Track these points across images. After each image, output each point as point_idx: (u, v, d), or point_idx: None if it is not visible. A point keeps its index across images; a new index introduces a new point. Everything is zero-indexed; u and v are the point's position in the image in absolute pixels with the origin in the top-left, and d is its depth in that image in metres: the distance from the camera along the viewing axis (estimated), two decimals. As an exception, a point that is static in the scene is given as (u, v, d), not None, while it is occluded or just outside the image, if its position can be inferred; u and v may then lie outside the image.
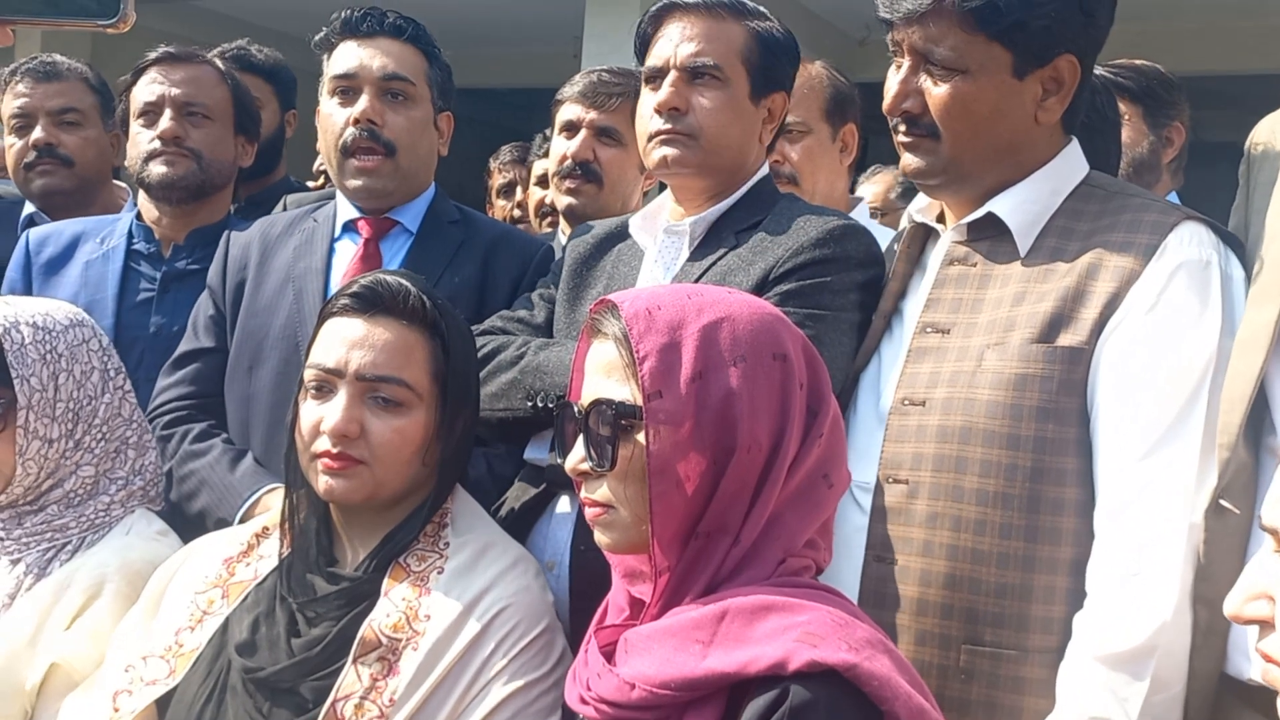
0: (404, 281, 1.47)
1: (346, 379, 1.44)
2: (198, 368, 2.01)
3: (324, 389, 1.45)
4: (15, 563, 1.62)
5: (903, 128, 1.55)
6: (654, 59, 1.76)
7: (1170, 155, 2.61)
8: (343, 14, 2.00)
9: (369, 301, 1.45)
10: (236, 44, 2.92)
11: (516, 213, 3.53)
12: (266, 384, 1.93)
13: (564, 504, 1.72)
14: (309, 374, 1.47)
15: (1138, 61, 2.61)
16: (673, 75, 1.73)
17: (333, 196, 2.20)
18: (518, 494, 1.78)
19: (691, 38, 1.72)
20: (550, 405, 1.64)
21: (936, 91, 1.50)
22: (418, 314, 1.46)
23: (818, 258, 1.64)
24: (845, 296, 1.65)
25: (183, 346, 2.04)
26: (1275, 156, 1.51)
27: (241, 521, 1.80)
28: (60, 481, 1.64)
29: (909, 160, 1.56)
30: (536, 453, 1.77)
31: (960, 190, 1.56)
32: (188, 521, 1.84)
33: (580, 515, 1.66)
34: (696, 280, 1.69)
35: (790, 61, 1.80)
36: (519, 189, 3.56)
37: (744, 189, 1.78)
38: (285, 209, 2.53)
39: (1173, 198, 2.64)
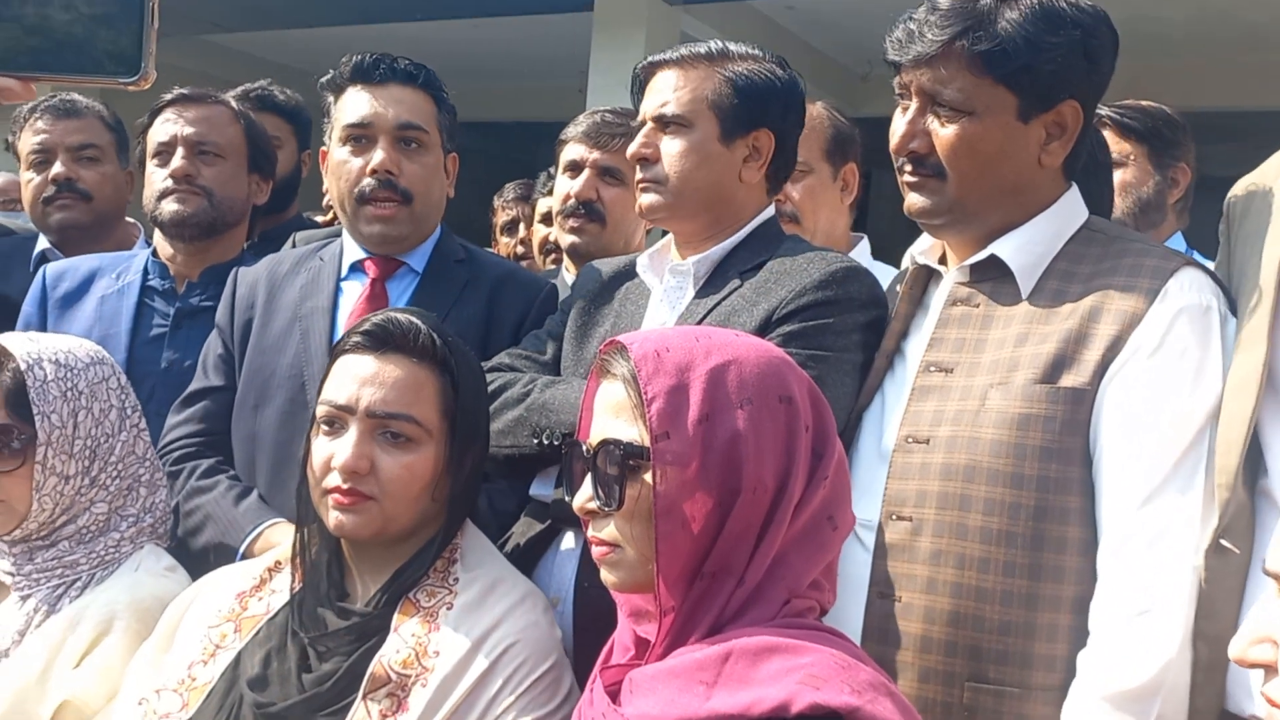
0: (415, 319, 1.49)
1: (357, 415, 1.45)
2: (206, 405, 2.03)
3: (335, 425, 1.47)
4: (25, 599, 1.63)
5: (909, 168, 1.58)
6: (640, 114, 1.84)
7: (1176, 195, 2.63)
8: (354, 59, 2.01)
9: (380, 339, 1.47)
10: (260, 84, 2.97)
11: (520, 249, 3.55)
12: (272, 422, 1.95)
13: (569, 540, 1.73)
14: (321, 410, 1.49)
15: (1144, 102, 2.63)
16: (645, 126, 1.80)
17: (340, 234, 2.22)
18: (523, 529, 1.79)
19: (662, 89, 1.79)
20: (556, 443, 1.65)
21: (944, 132, 1.53)
22: (428, 351, 1.48)
23: (821, 299, 1.66)
24: (848, 337, 1.67)
25: (193, 385, 2.07)
26: (1254, 213, 1.55)
27: (244, 556, 1.81)
28: (74, 518, 1.65)
29: (914, 200, 1.59)
30: (541, 489, 1.79)
31: (964, 230, 1.59)
32: (192, 556, 1.86)
33: (585, 552, 1.67)
34: (701, 319, 1.71)
35: (776, 98, 1.81)
36: (522, 226, 3.59)
37: (748, 229, 1.80)
38: (294, 246, 2.56)
39: (1178, 238, 2.66)
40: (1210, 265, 1.64)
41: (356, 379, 1.46)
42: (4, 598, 1.67)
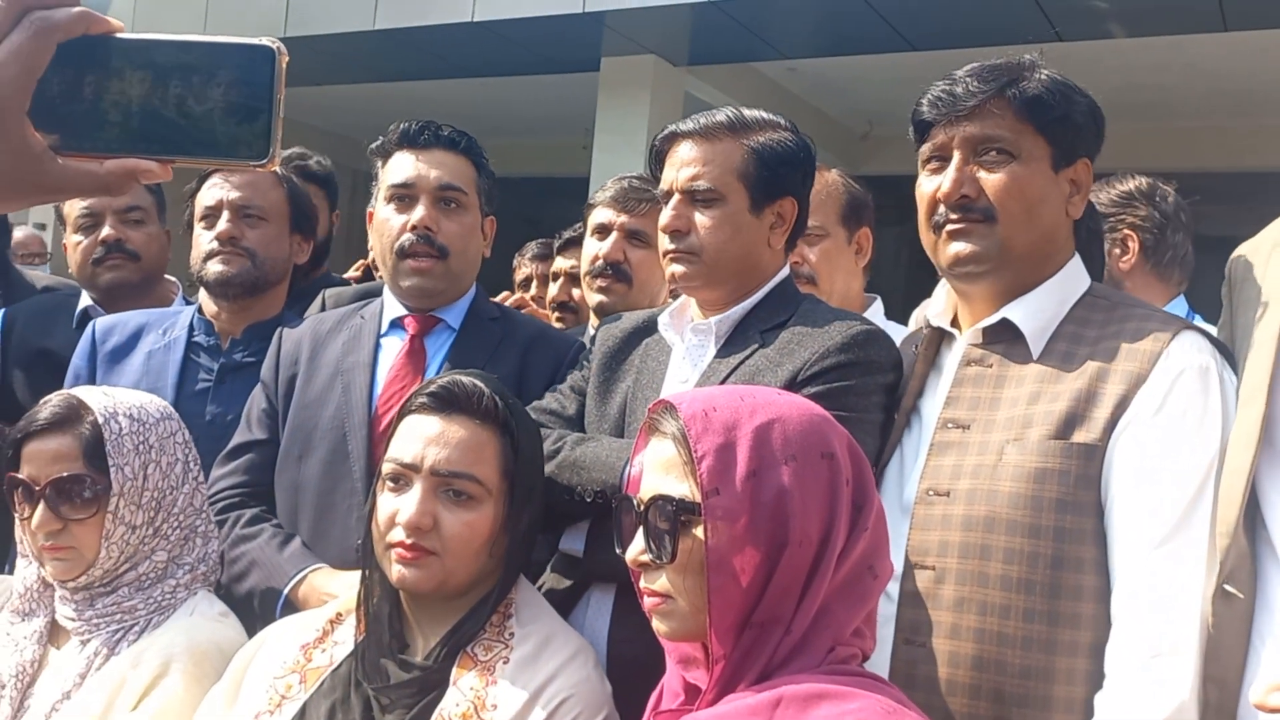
0: (479, 383, 1.56)
1: (422, 473, 1.51)
2: (251, 458, 2.09)
3: (401, 482, 1.53)
4: (85, 643, 1.68)
5: (954, 215, 1.65)
6: (663, 182, 1.89)
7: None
8: (401, 127, 2.12)
9: (445, 401, 1.54)
10: (295, 150, 3.08)
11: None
12: (315, 473, 2.01)
13: (600, 597, 1.77)
14: (387, 467, 1.54)
15: None
16: (675, 199, 1.85)
17: (370, 293, 2.31)
18: (552, 584, 1.83)
19: (690, 162, 1.83)
20: (587, 500, 1.71)
21: (993, 177, 1.63)
22: (490, 413, 1.54)
23: (843, 362, 1.72)
24: (869, 398, 1.73)
25: (237, 438, 2.13)
26: (1254, 278, 1.64)
27: (287, 600, 1.87)
28: (135, 565, 1.71)
29: (960, 247, 1.65)
30: (571, 543, 1.83)
31: (1000, 279, 1.65)
32: (236, 602, 1.91)
33: (617, 608, 1.72)
34: (725, 378, 1.77)
35: (796, 167, 1.87)
36: (535, 284, 3.69)
37: (766, 289, 1.87)
38: (324, 304, 2.66)
39: (1180, 300, 2.74)
40: (1210, 328, 1.73)
41: (422, 438, 1.52)
42: (65, 642, 1.72)
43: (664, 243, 1.87)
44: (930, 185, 1.69)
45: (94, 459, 1.66)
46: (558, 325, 3.07)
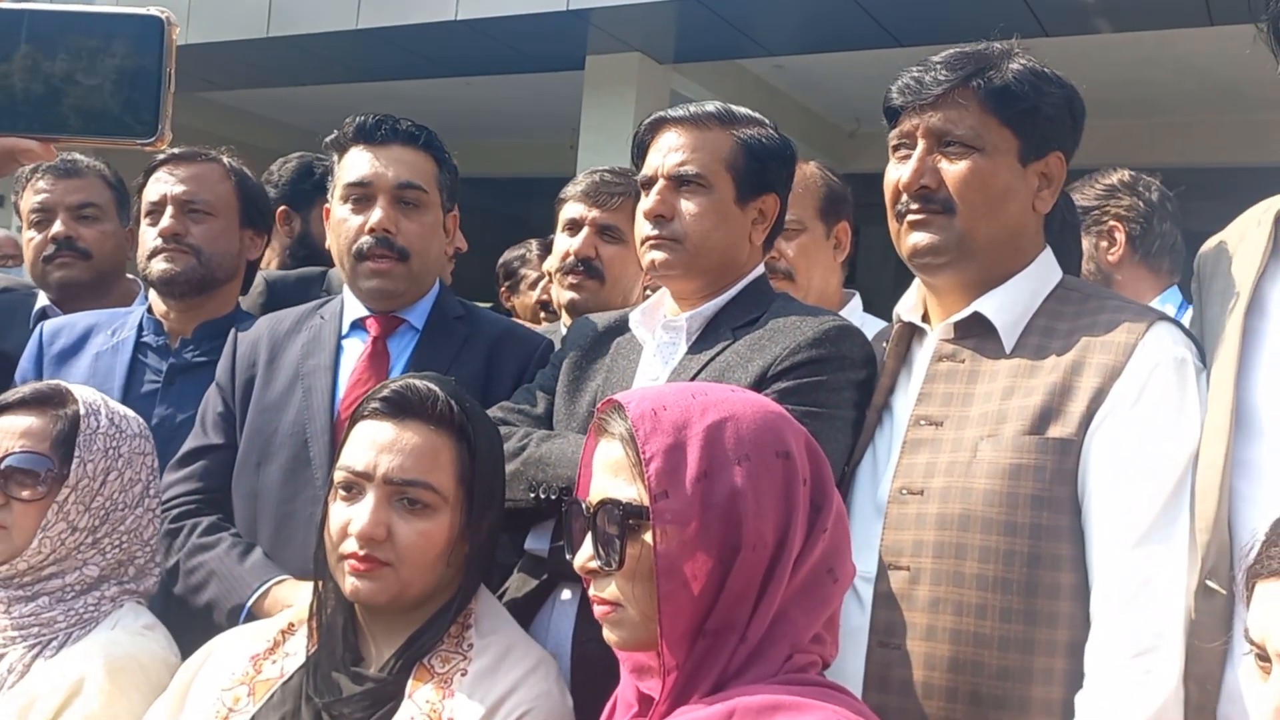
0: (433, 387, 1.50)
1: (375, 482, 1.46)
2: (205, 464, 2.03)
3: (353, 491, 1.48)
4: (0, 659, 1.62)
5: (915, 205, 1.62)
6: (646, 168, 1.85)
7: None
8: (357, 120, 2.04)
9: (399, 406, 1.48)
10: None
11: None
12: (274, 480, 1.96)
13: (566, 596, 1.73)
14: (339, 475, 1.49)
15: None
16: (660, 184, 1.81)
17: (309, 279, 2.22)
18: (518, 584, 1.80)
19: (678, 148, 1.80)
20: (553, 497, 1.67)
21: (954, 168, 1.60)
22: (446, 419, 1.49)
23: (815, 357, 1.69)
24: (841, 394, 1.69)
25: (190, 443, 2.07)
26: (1222, 272, 1.62)
27: (250, 613, 1.81)
28: (62, 573, 1.65)
29: (920, 238, 1.62)
30: (537, 543, 1.79)
31: (962, 272, 1.63)
32: (193, 614, 1.86)
33: (582, 608, 1.68)
34: (695, 375, 1.73)
35: (782, 164, 1.86)
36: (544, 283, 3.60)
37: (739, 286, 1.83)
38: (266, 285, 2.57)
39: (1174, 290, 2.69)
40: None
41: (375, 445, 1.47)
42: None
43: (645, 229, 1.83)
44: (895, 173, 1.66)
45: (60, 447, 1.63)
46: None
